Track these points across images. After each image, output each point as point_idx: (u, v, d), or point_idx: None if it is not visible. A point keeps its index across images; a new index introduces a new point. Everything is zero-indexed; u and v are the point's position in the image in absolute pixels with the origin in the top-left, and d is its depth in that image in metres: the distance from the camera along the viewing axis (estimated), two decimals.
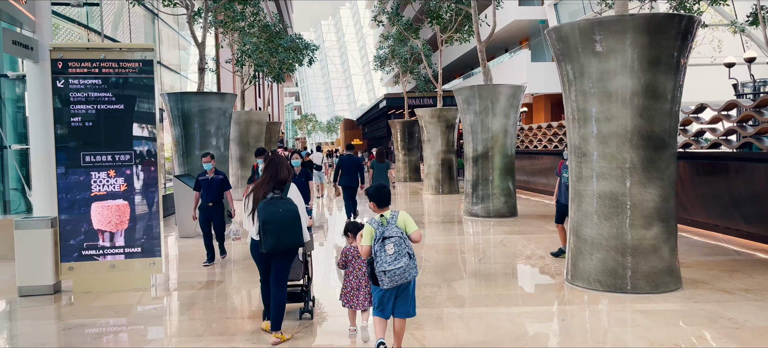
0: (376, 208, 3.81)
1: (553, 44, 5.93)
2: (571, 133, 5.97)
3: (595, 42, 5.45)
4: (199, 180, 7.32)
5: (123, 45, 6.53)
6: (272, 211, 4.15)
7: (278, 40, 16.92)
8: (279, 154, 5.44)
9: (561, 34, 5.73)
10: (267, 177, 4.36)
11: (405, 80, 24.04)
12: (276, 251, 4.20)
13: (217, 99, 11.11)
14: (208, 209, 7.29)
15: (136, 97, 6.15)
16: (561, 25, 5.71)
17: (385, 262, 3.59)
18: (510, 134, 11.39)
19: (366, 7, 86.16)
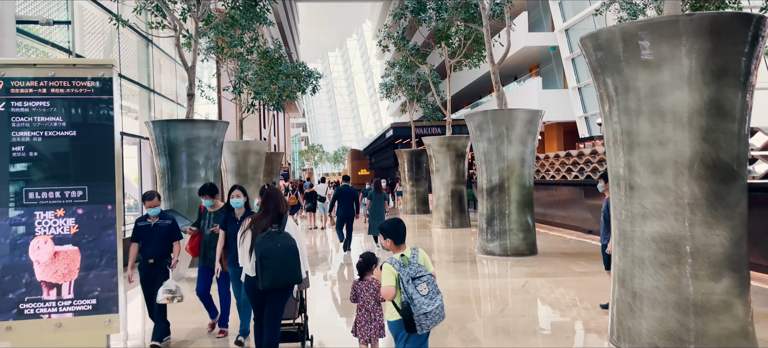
0: (393, 247, 3.62)
1: (589, 54, 4.92)
2: (612, 160, 4.92)
3: (644, 49, 4.44)
4: (139, 227, 5.55)
5: (77, 60, 5.58)
6: (270, 246, 4.09)
7: (278, 66, 16.08)
8: (275, 187, 4.77)
9: (599, 42, 4.73)
10: (264, 211, 4.31)
11: (412, 109, 23.15)
12: (273, 288, 4.12)
13: (207, 127, 10.18)
14: (150, 268, 5.49)
15: (93, 121, 5.18)
16: (599, 30, 4.71)
17: (424, 304, 3.40)
18: (528, 163, 10.34)
19: (373, 38, 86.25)
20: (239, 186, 5.51)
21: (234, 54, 15.28)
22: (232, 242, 5.23)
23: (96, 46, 13.38)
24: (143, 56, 15.30)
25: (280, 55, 16.61)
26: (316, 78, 19.58)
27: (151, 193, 5.71)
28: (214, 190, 5.89)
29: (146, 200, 5.65)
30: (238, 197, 5.47)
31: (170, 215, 5.73)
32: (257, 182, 15.57)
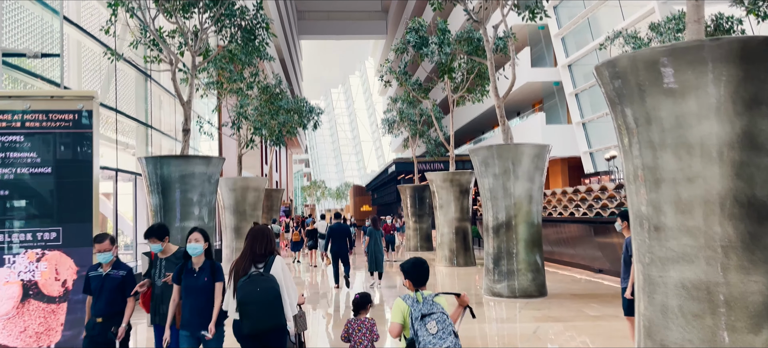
0: (412, 287, 3.45)
1: (606, 83, 4.56)
2: (634, 198, 4.50)
3: (667, 77, 4.08)
4: (89, 277, 4.56)
5: (56, 92, 5.26)
6: (250, 290, 3.89)
7: (278, 101, 15.84)
8: (261, 225, 4.44)
9: (617, 70, 4.37)
10: (244, 252, 4.12)
11: (414, 144, 22.85)
12: (256, 334, 3.92)
13: (202, 163, 9.82)
14: (98, 329, 4.46)
15: (70, 158, 4.81)
16: (617, 57, 4.36)
17: (430, 343, 3.20)
18: (535, 200, 9.92)
19: (375, 75, 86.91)
20: (199, 229, 4.47)
21: (234, 89, 15.06)
22: (188, 298, 4.33)
23: (93, 82, 13.18)
24: (141, 92, 15.08)
25: (281, 90, 16.38)
26: (317, 114, 19.35)
27: (102, 235, 4.65)
28: (162, 231, 4.82)
29: (96, 243, 4.60)
30: (197, 242, 4.40)
31: (126, 265, 4.74)
32: (256, 220, 15.15)
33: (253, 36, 10.74)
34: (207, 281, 4.35)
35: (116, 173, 12.81)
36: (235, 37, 10.63)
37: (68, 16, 11.79)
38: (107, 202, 13.48)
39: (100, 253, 4.57)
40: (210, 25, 10.37)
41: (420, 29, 14.23)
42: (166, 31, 10.91)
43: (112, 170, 12.67)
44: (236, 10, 10.58)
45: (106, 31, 9.99)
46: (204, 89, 15.52)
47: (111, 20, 9.97)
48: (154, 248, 4.79)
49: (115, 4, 9.81)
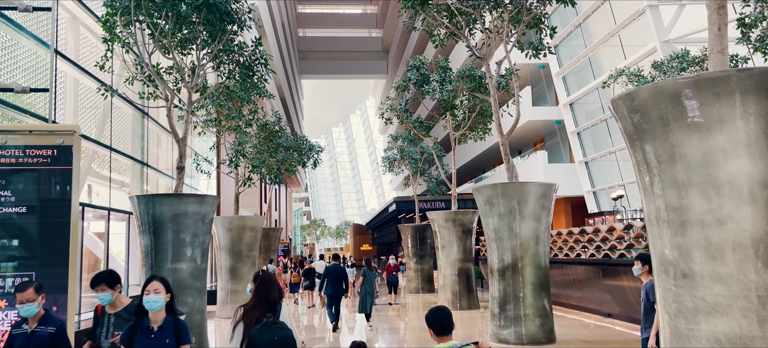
0: (434, 337, 3.38)
1: (623, 118, 4.25)
2: (657, 241, 4.14)
3: (691, 110, 3.77)
4: (12, 335, 3.83)
5: (34, 126, 4.94)
6: (268, 339, 3.75)
7: (277, 139, 15.58)
8: (269, 272, 4.26)
9: (636, 103, 4.07)
10: (257, 299, 3.99)
11: (415, 183, 22.54)
12: None
13: (195, 202, 9.46)
14: None
15: (47, 196, 4.47)
16: (636, 90, 4.06)
17: None
18: (542, 241, 9.53)
19: (376, 114, 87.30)
20: (159, 277, 3.69)
21: (232, 127, 14.83)
22: None
23: (89, 120, 12.95)
24: (138, 129, 14.85)
25: (280, 127, 16.16)
26: (317, 151, 19.10)
27: (24, 284, 3.85)
28: (112, 279, 3.97)
29: (17, 293, 3.78)
30: (157, 293, 3.58)
31: (58, 320, 3.93)
32: (252, 260, 14.72)
33: (252, 72, 10.52)
34: (169, 344, 3.54)
35: (108, 212, 12.46)
36: (233, 74, 10.40)
37: (66, 52, 11.64)
38: (99, 243, 13.08)
39: (22, 305, 3.74)
40: (207, 61, 10.18)
41: (421, 67, 14.08)
42: (163, 67, 10.71)
43: (105, 209, 12.31)
44: (235, 46, 10.39)
45: (101, 67, 9.77)
46: (202, 126, 15.29)
47: (106, 56, 9.77)
48: (101, 299, 3.92)
49: (111, 40, 9.62)
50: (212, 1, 9.47)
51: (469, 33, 10.00)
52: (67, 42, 12.34)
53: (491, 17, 9.96)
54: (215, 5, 9.54)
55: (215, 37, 9.98)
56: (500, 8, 9.66)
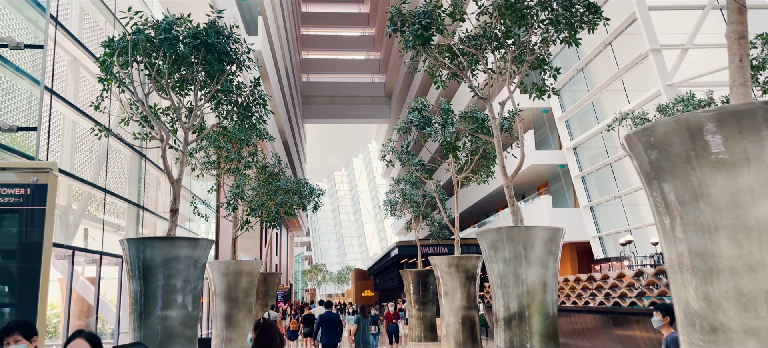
0: None
1: (639, 155, 3.94)
2: (680, 290, 3.77)
3: (716, 146, 3.46)
4: None
5: (8, 163, 4.64)
6: None
7: (276, 181, 15.31)
8: (270, 321, 4.35)
9: (653, 139, 3.76)
10: None
11: (418, 227, 22.13)
12: None
13: (188, 246, 9.10)
14: None
15: (16, 239, 4.13)
16: (653, 124, 3.76)
17: None
18: (550, 288, 9.09)
19: (378, 158, 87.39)
20: (86, 332, 3.07)
21: (231, 169, 14.58)
22: None
23: (86, 162, 12.73)
24: (135, 171, 14.61)
25: (280, 169, 15.91)
26: (317, 195, 18.80)
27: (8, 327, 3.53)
28: (28, 330, 3.55)
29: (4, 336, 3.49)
30: None
31: None
32: (248, 307, 14.22)
33: (250, 113, 10.31)
34: None
35: (100, 257, 12.08)
36: (230, 114, 10.19)
37: (65, 94, 11.51)
38: (91, 288, 12.67)
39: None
40: (205, 102, 9.98)
41: (423, 109, 13.91)
42: (160, 108, 10.53)
43: (97, 253, 11.95)
44: (233, 86, 10.21)
45: (96, 107, 9.57)
46: (200, 168, 15.05)
47: (102, 96, 9.59)
48: None
49: (107, 80, 9.46)
50: (211, 41, 9.34)
51: (472, 74, 9.83)
52: (67, 84, 12.23)
53: (494, 58, 9.80)
54: (214, 45, 9.40)
55: (213, 78, 9.82)
56: (503, 49, 9.50)
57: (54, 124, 11.22)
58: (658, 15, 19.78)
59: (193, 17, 9.89)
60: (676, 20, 20.09)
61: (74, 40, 11.28)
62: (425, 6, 9.01)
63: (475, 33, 9.53)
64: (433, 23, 9.03)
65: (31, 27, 8.72)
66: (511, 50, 9.22)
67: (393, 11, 9.10)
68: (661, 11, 19.94)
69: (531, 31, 8.89)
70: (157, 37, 9.13)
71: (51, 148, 11.00)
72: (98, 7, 13.02)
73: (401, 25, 9.16)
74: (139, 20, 9.42)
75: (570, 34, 9.17)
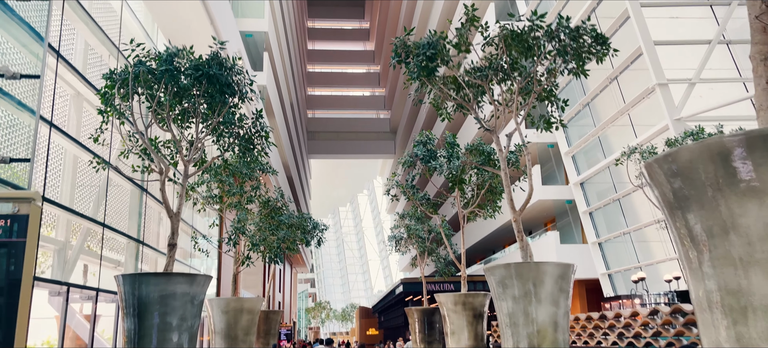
0: None
1: (661, 184, 3.67)
2: (709, 331, 3.45)
3: (746, 173, 3.19)
4: None
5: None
6: None
7: (278, 216, 15.04)
8: None
9: (677, 166, 3.49)
10: None
11: (423, 263, 21.69)
12: None
13: (185, 282, 8.79)
14: None
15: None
16: (677, 150, 3.50)
17: None
18: (561, 327, 8.68)
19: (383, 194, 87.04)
20: None
21: (232, 203, 14.33)
22: None
23: (86, 197, 12.55)
24: (136, 206, 14.39)
25: (283, 203, 15.65)
26: (321, 230, 18.49)
27: None
28: None
29: None
30: None
31: None
32: (249, 345, 13.78)
33: (252, 145, 10.12)
34: None
35: (96, 293, 11.77)
36: (231, 146, 10.00)
37: (67, 129, 11.40)
38: (86, 325, 12.32)
39: None
40: (206, 134, 9.80)
41: (428, 142, 13.71)
42: (161, 141, 10.36)
43: (93, 290, 11.65)
44: (235, 118, 10.04)
45: (95, 140, 9.40)
46: (202, 203, 14.81)
47: (101, 128, 9.43)
48: None
49: (106, 112, 9.31)
50: (212, 72, 9.22)
51: (477, 105, 9.63)
52: (70, 118, 12.14)
53: (500, 90, 9.63)
54: (215, 77, 9.27)
55: (215, 110, 9.67)
56: (509, 80, 9.33)
57: (55, 157, 11.08)
58: (664, 50, 19.71)
59: (196, 50, 9.81)
60: (682, 55, 20.02)
61: (74, 72, 11.20)
62: (430, 37, 8.88)
63: (480, 64, 9.38)
64: (437, 54, 8.88)
65: (31, 58, 8.63)
66: (518, 81, 9.05)
67: (397, 43, 8.96)
68: (667, 46, 19.88)
69: (538, 61, 8.72)
70: (159, 68, 9.03)
71: (51, 181, 10.83)
72: (102, 41, 13.02)
73: (406, 56, 9.01)
74: (142, 52, 9.34)
75: (578, 64, 9.01)
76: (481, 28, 8.86)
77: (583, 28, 8.67)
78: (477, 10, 9.21)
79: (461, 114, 10.40)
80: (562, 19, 8.57)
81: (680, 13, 21.04)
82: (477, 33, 9.09)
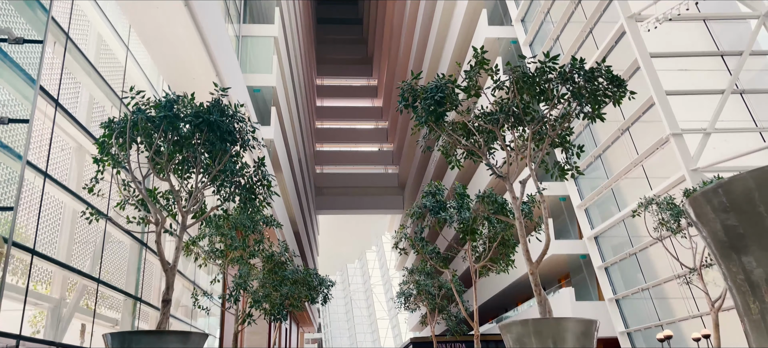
0: None
1: (709, 222, 3.15)
2: None
3: None
4: None
5: None
6: None
7: (283, 271, 14.47)
8: None
9: (730, 200, 3.00)
10: None
11: (433, 321, 20.82)
12: None
13: (178, 340, 8.21)
14: None
15: None
16: (730, 181, 3.01)
17: None
18: None
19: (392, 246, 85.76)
20: None
21: (235, 258, 13.81)
22: None
23: (85, 253, 12.10)
24: (134, 260, 13.89)
25: (287, 258, 15.09)
26: (327, 286, 17.85)
27: None
28: None
29: None
30: None
31: None
32: None
33: (253, 195, 9.68)
34: None
35: None
36: (232, 196, 9.57)
37: (67, 182, 11.08)
38: None
39: None
40: (204, 185, 9.40)
41: (437, 193, 13.25)
42: (160, 192, 9.96)
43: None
44: (237, 168, 9.64)
45: (89, 190, 9.02)
46: (204, 258, 14.29)
47: (96, 177, 9.07)
48: None
49: (102, 160, 8.97)
50: (213, 119, 8.90)
51: (489, 151, 9.20)
52: (71, 170, 11.84)
53: (512, 136, 9.22)
54: (216, 123, 8.95)
55: (215, 158, 9.30)
56: (521, 125, 8.92)
57: (53, 211, 10.70)
58: (675, 100, 19.40)
59: (200, 98, 9.54)
60: (695, 106, 19.68)
61: (72, 120, 10.95)
62: (438, 81, 8.56)
63: (491, 109, 9.01)
64: (446, 98, 8.52)
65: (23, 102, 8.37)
66: (531, 126, 8.64)
67: (404, 86, 8.64)
68: (678, 96, 19.58)
69: (551, 105, 8.34)
70: (158, 115, 8.73)
71: (47, 236, 10.42)
72: (106, 94, 12.87)
73: (413, 100, 8.67)
74: (141, 100, 9.08)
75: (593, 107, 8.62)
76: (490, 71, 8.53)
77: (598, 70, 8.32)
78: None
79: (472, 164, 9.98)
80: (575, 60, 8.24)
81: (690, 64, 20.85)
82: (487, 76, 8.77)
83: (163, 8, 13.50)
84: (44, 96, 9.38)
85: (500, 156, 10.31)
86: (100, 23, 12.76)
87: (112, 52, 13.42)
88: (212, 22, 15.76)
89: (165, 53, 14.67)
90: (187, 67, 17.65)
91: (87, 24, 12.23)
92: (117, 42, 13.48)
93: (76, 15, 11.28)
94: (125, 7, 13.04)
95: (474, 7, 31.08)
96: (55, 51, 10.29)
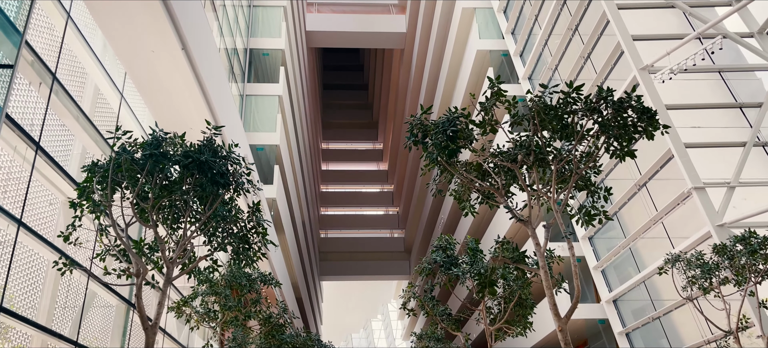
0: None
1: None
2: None
3: None
4: None
5: None
6: None
7: (281, 334, 13.30)
8: None
9: None
10: None
11: None
12: None
13: None
14: None
15: None
16: None
17: None
18: None
19: (398, 318, 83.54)
20: None
21: (229, 319, 12.69)
22: None
23: (65, 319, 11.05)
24: (121, 321, 12.80)
25: (286, 320, 13.94)
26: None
27: None
28: None
29: None
30: None
31: None
32: None
33: (247, 244, 8.75)
34: None
35: None
36: (223, 246, 8.64)
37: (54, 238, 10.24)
38: None
39: None
40: (193, 233, 8.51)
41: (448, 247, 12.25)
42: (146, 243, 9.04)
43: None
44: (231, 216, 8.75)
45: (65, 239, 8.13)
46: (197, 320, 13.17)
47: (74, 224, 8.21)
48: None
49: (79, 205, 8.13)
50: (204, 158, 8.11)
51: (507, 194, 8.31)
52: (58, 225, 11.01)
53: (532, 177, 8.35)
54: (207, 164, 8.15)
55: (206, 203, 8.45)
56: (543, 164, 8.07)
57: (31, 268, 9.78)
58: (695, 153, 18.56)
59: (191, 138, 8.81)
60: (712, 160, 18.82)
61: (57, 168, 10.19)
62: (449, 114, 7.78)
63: (508, 147, 8.19)
64: (459, 134, 7.72)
65: None
66: (554, 163, 7.78)
67: (413, 120, 7.86)
68: (698, 149, 18.76)
69: (578, 138, 7.50)
70: (144, 153, 7.95)
71: (25, 295, 9.46)
72: (96, 142, 12.20)
73: (423, 136, 7.87)
74: (127, 140, 8.34)
75: (621, 144, 7.77)
76: (508, 103, 7.76)
77: (628, 101, 7.54)
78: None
79: (484, 217, 9.10)
80: (602, 90, 7.47)
81: (705, 119, 20.15)
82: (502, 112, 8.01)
83: (161, 56, 13.02)
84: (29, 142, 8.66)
85: (519, 199, 9.39)
86: (96, 71, 12.24)
87: (106, 100, 12.83)
88: (211, 71, 15.25)
89: (161, 103, 14.08)
90: (187, 123, 17.08)
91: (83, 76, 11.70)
92: (112, 91, 12.94)
93: (66, 57, 10.74)
94: (121, 53, 12.55)
95: (480, 66, 30.93)
96: (40, 91, 9.68)
